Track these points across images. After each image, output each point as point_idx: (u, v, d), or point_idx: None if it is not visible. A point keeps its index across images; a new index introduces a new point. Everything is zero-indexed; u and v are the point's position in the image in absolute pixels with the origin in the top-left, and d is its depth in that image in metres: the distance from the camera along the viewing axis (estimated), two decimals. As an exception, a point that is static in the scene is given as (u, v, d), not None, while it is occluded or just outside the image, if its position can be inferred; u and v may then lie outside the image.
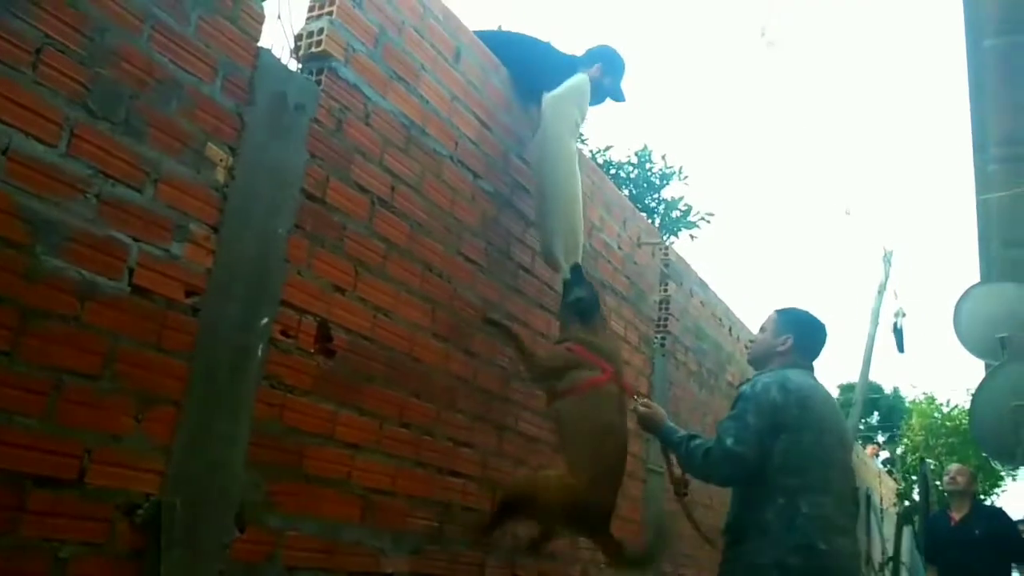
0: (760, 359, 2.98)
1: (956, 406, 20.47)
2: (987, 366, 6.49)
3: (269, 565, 2.18)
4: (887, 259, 11.07)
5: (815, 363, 2.95)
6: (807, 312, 3.00)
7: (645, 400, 3.12)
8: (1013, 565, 5.17)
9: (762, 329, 3.02)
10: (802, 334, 2.91)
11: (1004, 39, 4.82)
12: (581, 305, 3.08)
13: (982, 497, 19.19)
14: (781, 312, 3.00)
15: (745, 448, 2.57)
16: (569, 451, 2.83)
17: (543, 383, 3.07)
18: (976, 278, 7.24)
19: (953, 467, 5.66)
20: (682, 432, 2.88)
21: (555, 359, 3.00)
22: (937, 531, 5.44)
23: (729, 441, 2.59)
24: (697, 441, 2.75)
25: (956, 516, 5.22)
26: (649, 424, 2.99)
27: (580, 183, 3.40)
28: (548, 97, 3.36)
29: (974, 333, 6.26)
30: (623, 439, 2.90)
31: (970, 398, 6.19)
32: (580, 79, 3.49)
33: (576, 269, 3.20)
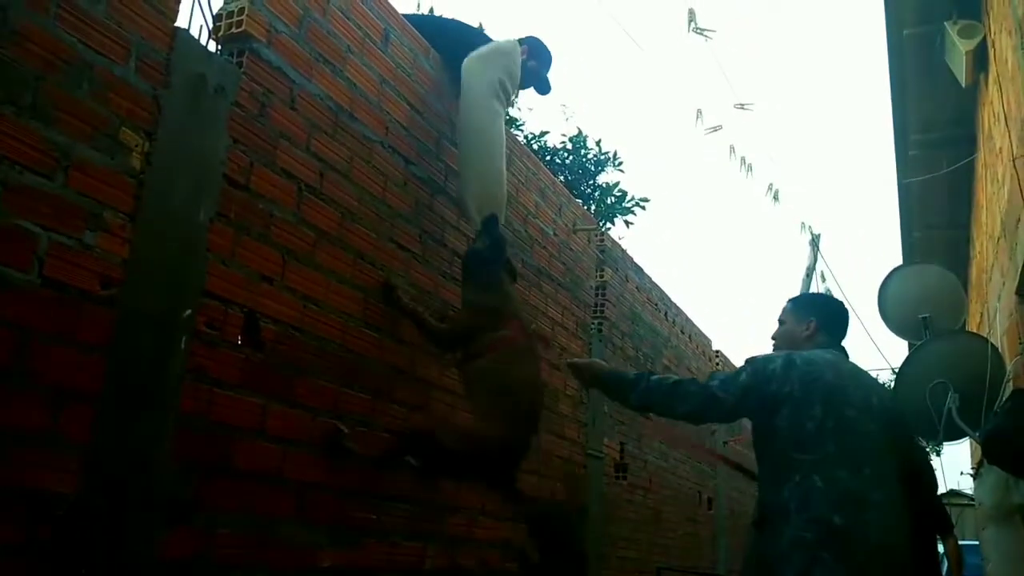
0: (788, 348, 2.82)
1: (883, 384, 21.19)
2: (910, 346, 6.72)
3: (200, 563, 2.11)
4: (814, 243, 11.35)
5: (844, 342, 2.84)
6: (824, 295, 2.95)
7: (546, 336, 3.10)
8: (937, 537, 5.32)
9: (780, 322, 2.92)
10: (825, 314, 2.85)
11: (923, 28, 4.97)
12: (478, 260, 3.04)
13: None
14: (795, 300, 2.96)
15: (723, 393, 2.54)
16: (479, 405, 2.83)
17: (451, 351, 3.05)
18: (899, 260, 7.49)
19: None
20: (632, 371, 2.82)
21: (459, 326, 3.01)
22: None
23: (714, 383, 2.58)
24: (657, 376, 2.68)
25: None
26: (588, 374, 2.88)
27: (502, 140, 3.35)
28: (470, 56, 3.33)
29: (898, 314, 6.46)
30: (538, 391, 2.97)
31: (895, 377, 6.38)
32: (508, 43, 3.47)
33: (489, 221, 3.08)
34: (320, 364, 2.58)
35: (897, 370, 6.41)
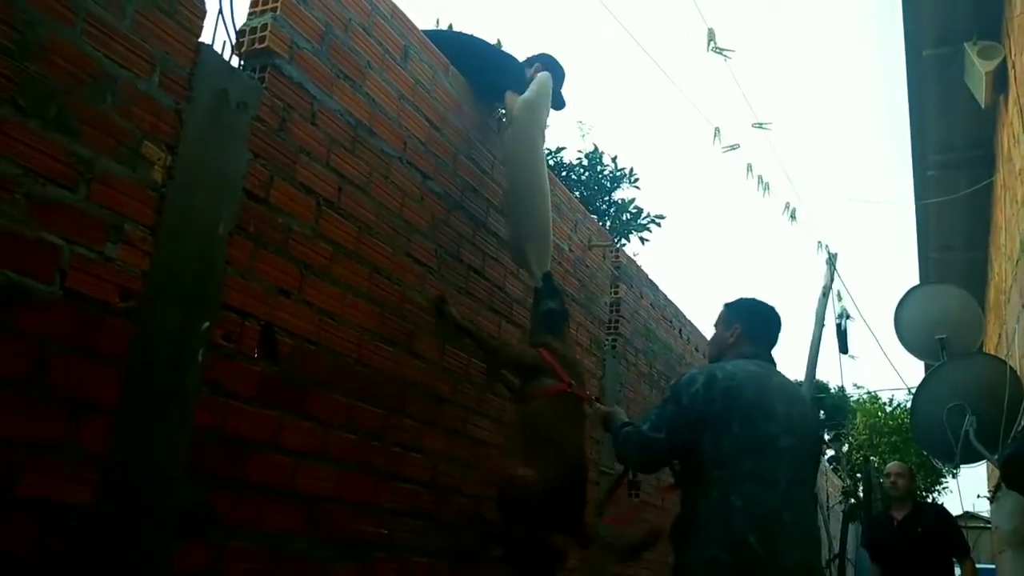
0: (715, 355, 2.88)
1: (899, 405, 20.99)
2: (927, 367, 6.66)
3: (211, 577, 2.11)
4: (831, 262, 11.30)
5: (773, 349, 2.81)
6: (754, 299, 2.89)
7: (599, 402, 3.21)
8: (954, 559, 5.24)
9: (714, 327, 2.92)
10: (749, 321, 2.80)
11: (942, 49, 4.96)
12: (552, 317, 3.21)
13: (924, 494, 19.70)
14: (728, 304, 2.91)
15: (657, 434, 2.56)
16: (534, 452, 2.89)
17: (502, 377, 3.21)
18: (916, 280, 7.44)
19: (892, 467, 5.57)
20: (625, 421, 2.89)
21: (525, 357, 3.14)
22: (880, 532, 5.49)
23: (645, 427, 2.61)
24: (628, 428, 2.78)
25: (898, 516, 5.27)
26: (606, 423, 2.99)
27: (548, 190, 3.47)
28: (519, 101, 3.38)
29: (914, 334, 6.42)
30: (582, 445, 3.09)
31: (911, 398, 6.32)
32: (545, 79, 3.51)
33: (548, 278, 3.30)
34: (335, 378, 2.58)
35: (913, 391, 6.36)
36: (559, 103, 3.82)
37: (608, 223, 10.17)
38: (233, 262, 2.22)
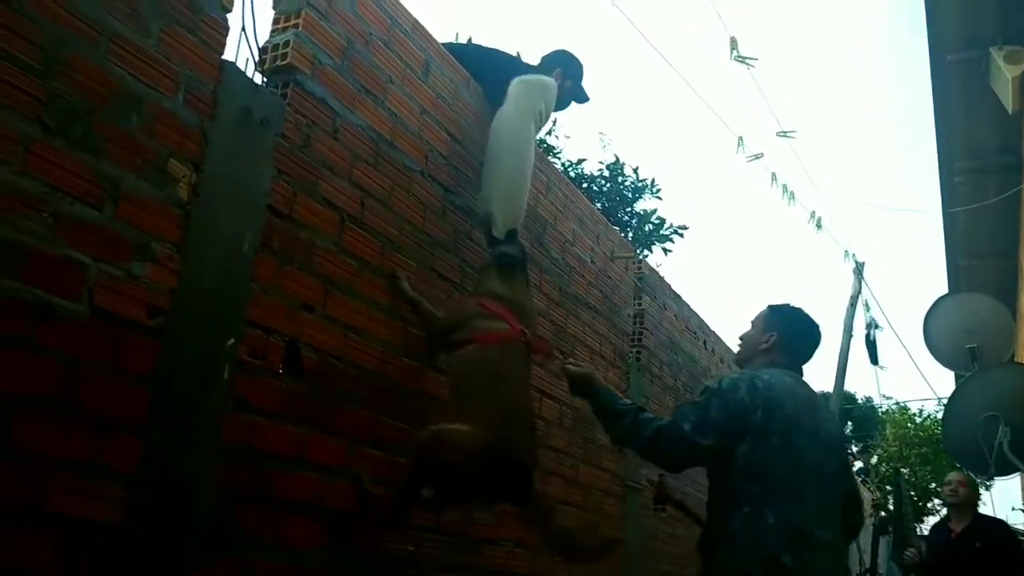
0: (745, 357, 2.77)
1: (929, 415, 20.68)
2: (957, 377, 6.56)
3: (237, 594, 2.10)
4: (858, 271, 11.18)
5: (804, 366, 2.72)
6: (800, 310, 2.76)
7: (572, 360, 2.90)
8: None
9: (751, 325, 2.78)
10: (788, 332, 2.68)
11: (967, 54, 4.90)
12: (503, 259, 2.95)
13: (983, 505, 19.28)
14: (772, 307, 2.78)
15: (702, 439, 2.37)
16: (469, 405, 2.56)
17: (441, 345, 2.82)
18: (945, 289, 7.34)
19: (953, 476, 5.27)
20: (626, 400, 2.66)
21: (453, 316, 2.83)
22: (936, 543, 5.29)
23: (687, 426, 2.39)
24: (647, 415, 2.51)
25: (956, 528, 5.02)
26: (582, 384, 2.68)
27: (530, 163, 3.35)
28: (518, 79, 3.35)
29: (944, 344, 6.33)
30: (527, 399, 2.80)
31: (942, 408, 6.23)
32: (550, 80, 3.50)
33: (512, 232, 3.07)
34: (359, 393, 2.57)
35: (945, 402, 6.25)
36: (582, 96, 3.81)
37: (630, 234, 10.14)
38: (257, 278, 2.22)
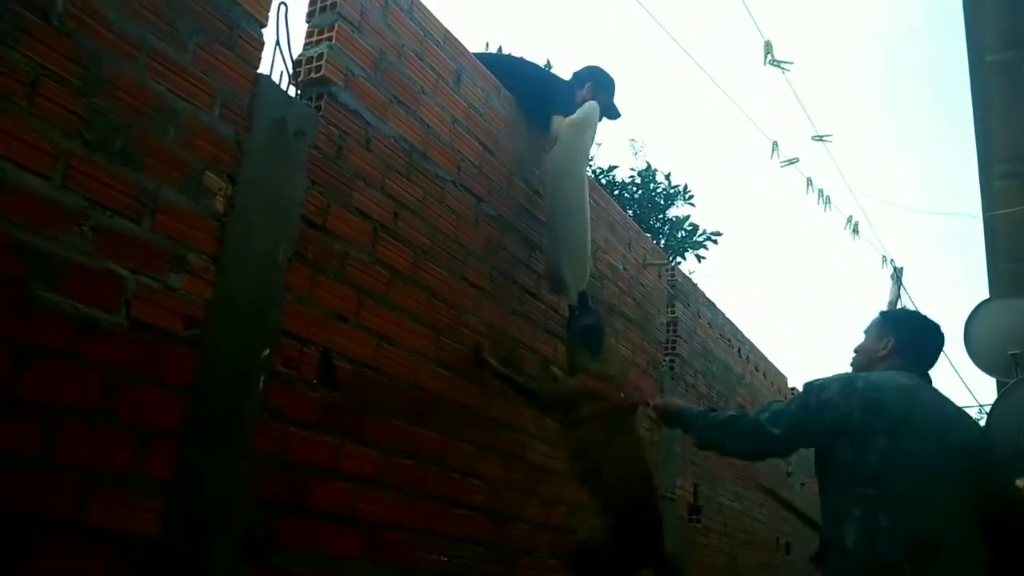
0: (861, 366, 2.62)
1: (971, 418, 20.22)
2: (999, 384, 6.41)
3: (273, 604, 2.11)
4: (896, 277, 11.00)
5: (931, 370, 2.56)
6: (916, 312, 2.70)
7: (649, 399, 3.04)
8: None
9: (865, 333, 2.66)
10: (906, 334, 2.54)
11: (1007, 54, 4.81)
12: (587, 334, 3.13)
13: None
14: (885, 313, 2.69)
15: (774, 428, 2.38)
16: (595, 487, 2.89)
17: (551, 412, 3.16)
18: (985, 294, 7.18)
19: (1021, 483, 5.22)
20: (696, 407, 2.77)
21: (565, 392, 3.07)
22: None
23: (764, 415, 2.44)
24: (718, 412, 2.66)
25: None
26: (666, 413, 2.84)
27: (588, 211, 3.46)
28: (566, 122, 3.38)
29: (985, 350, 6.18)
30: (643, 459, 3.03)
31: (984, 416, 6.09)
32: (592, 107, 3.51)
33: (583, 296, 3.26)
34: (393, 403, 2.58)
35: (987, 409, 6.12)
36: (613, 113, 3.80)
37: (663, 241, 10.08)
38: (292, 288, 2.24)
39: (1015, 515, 2.42)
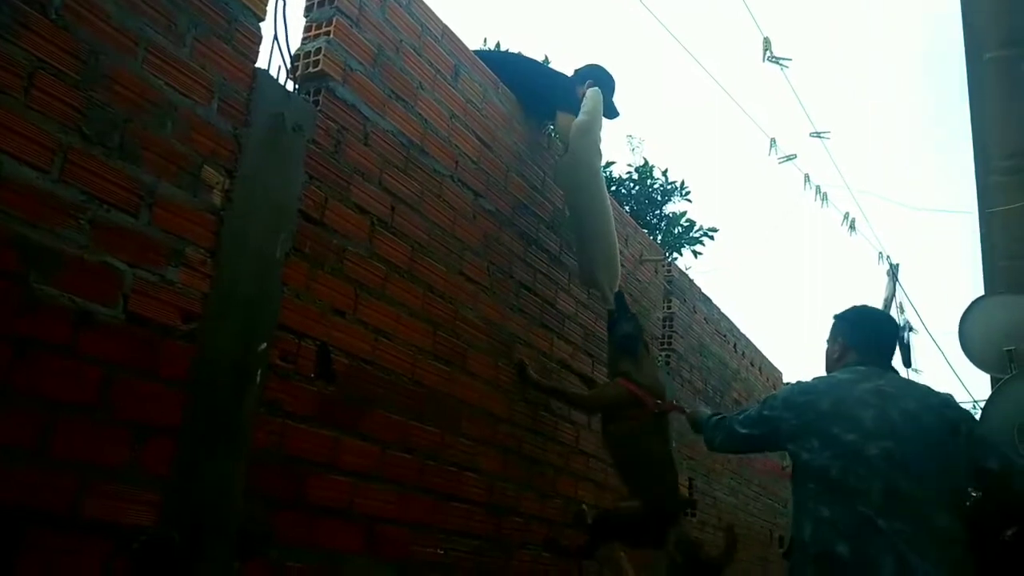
0: (829, 371, 2.72)
1: (931, 394, 20.30)
2: (994, 380, 6.43)
3: (270, 597, 2.12)
4: (893, 273, 11.01)
5: (888, 356, 2.63)
6: (862, 307, 2.75)
7: (681, 407, 3.47)
8: None
9: (826, 343, 2.78)
10: (852, 331, 2.66)
11: (1005, 51, 4.81)
12: (627, 342, 3.37)
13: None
14: (836, 316, 2.77)
15: (742, 429, 2.71)
16: (631, 478, 3.27)
17: (591, 412, 3.63)
18: (981, 291, 7.19)
19: None
20: (713, 413, 3.03)
21: (610, 397, 3.35)
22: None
23: (739, 418, 2.76)
24: (720, 416, 2.94)
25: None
26: (694, 421, 3.13)
27: (611, 210, 3.56)
28: (576, 124, 3.40)
29: (981, 347, 6.20)
30: (671, 460, 3.36)
31: (979, 413, 6.12)
32: (596, 96, 3.51)
33: (620, 297, 3.46)
34: (390, 397, 2.58)
35: (981, 406, 6.14)
36: (612, 112, 3.80)
37: (659, 237, 10.09)
38: (289, 283, 2.24)
39: (993, 487, 2.42)
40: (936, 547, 2.21)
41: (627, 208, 9.15)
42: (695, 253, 10.75)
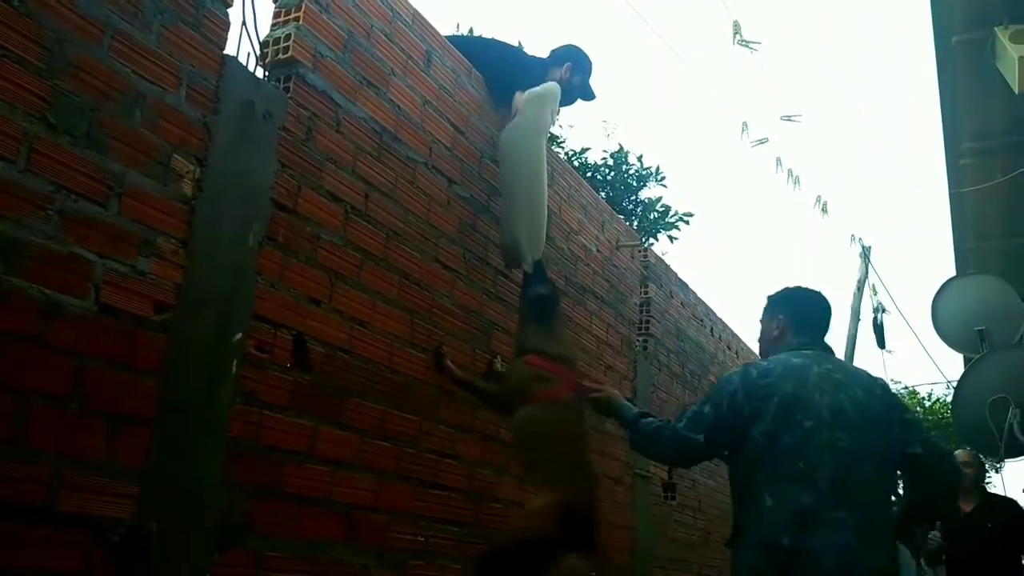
0: (765, 351, 2.74)
1: (938, 399, 20.62)
2: (966, 359, 6.55)
3: (250, 587, 2.12)
4: (865, 255, 11.14)
5: (825, 336, 2.67)
6: (797, 287, 2.75)
7: (595, 386, 3.02)
8: None
9: (760, 321, 2.79)
10: (793, 310, 2.66)
11: (972, 34, 4.86)
12: (541, 303, 3.03)
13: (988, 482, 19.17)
14: (770, 296, 2.78)
15: (695, 435, 2.48)
16: (538, 468, 2.80)
17: (508, 410, 2.94)
18: (952, 271, 7.30)
19: (958, 455, 4.98)
20: (635, 410, 2.78)
21: (511, 387, 2.93)
22: (947, 524, 5.19)
23: (682, 423, 2.54)
24: (649, 419, 2.68)
25: (965, 508, 4.89)
26: (604, 408, 2.90)
27: (546, 184, 3.40)
28: (525, 95, 3.34)
29: (952, 327, 6.32)
30: (587, 450, 2.93)
31: (951, 392, 6.23)
32: (553, 86, 3.48)
33: (539, 264, 3.17)
34: (367, 386, 2.58)
35: (954, 385, 6.25)
36: (589, 94, 3.80)
37: (635, 223, 10.11)
38: (263, 272, 2.23)
39: (917, 478, 2.50)
40: (876, 533, 2.29)
41: (603, 194, 9.16)
42: (671, 238, 10.79)
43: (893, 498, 2.54)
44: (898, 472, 2.50)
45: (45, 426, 1.66)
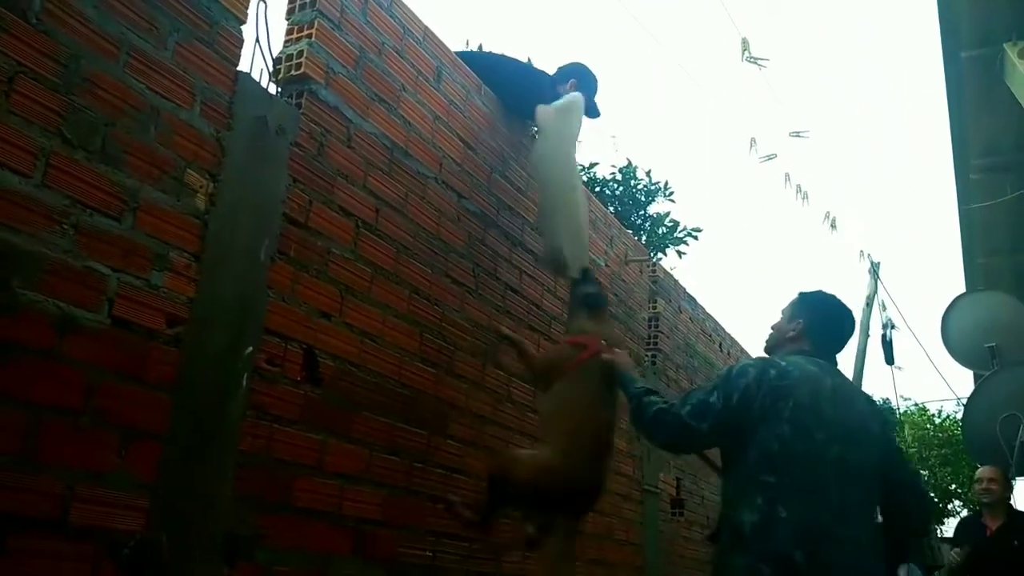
0: (772, 346, 2.64)
1: (948, 416, 20.47)
2: (976, 376, 6.51)
3: (259, 601, 2.11)
4: (874, 271, 11.11)
5: (838, 354, 2.57)
6: (831, 296, 2.64)
7: (607, 348, 2.84)
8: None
9: (781, 313, 2.66)
10: (817, 318, 2.55)
11: (981, 50, 4.87)
12: (587, 299, 3.00)
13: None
14: (802, 294, 2.66)
15: (699, 423, 2.34)
16: (547, 430, 2.75)
17: (543, 382, 2.91)
18: (962, 288, 7.28)
19: (984, 472, 5.04)
20: (641, 383, 2.62)
21: (546, 358, 3.04)
22: (971, 539, 5.10)
23: (686, 409, 2.38)
24: (653, 398, 2.49)
25: (991, 525, 4.82)
26: (613, 369, 2.70)
27: (582, 192, 3.46)
28: (551, 108, 3.37)
29: (963, 343, 6.29)
30: (606, 413, 2.75)
31: (962, 408, 6.19)
32: (577, 96, 3.50)
33: (587, 271, 3.17)
34: (377, 400, 2.58)
35: (964, 402, 6.21)
36: (594, 112, 3.81)
37: (644, 237, 10.12)
38: (275, 286, 2.24)
39: (904, 503, 2.47)
40: (876, 553, 2.28)
41: (611, 209, 9.18)
42: (679, 253, 10.79)
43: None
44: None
45: (58, 439, 1.67)
